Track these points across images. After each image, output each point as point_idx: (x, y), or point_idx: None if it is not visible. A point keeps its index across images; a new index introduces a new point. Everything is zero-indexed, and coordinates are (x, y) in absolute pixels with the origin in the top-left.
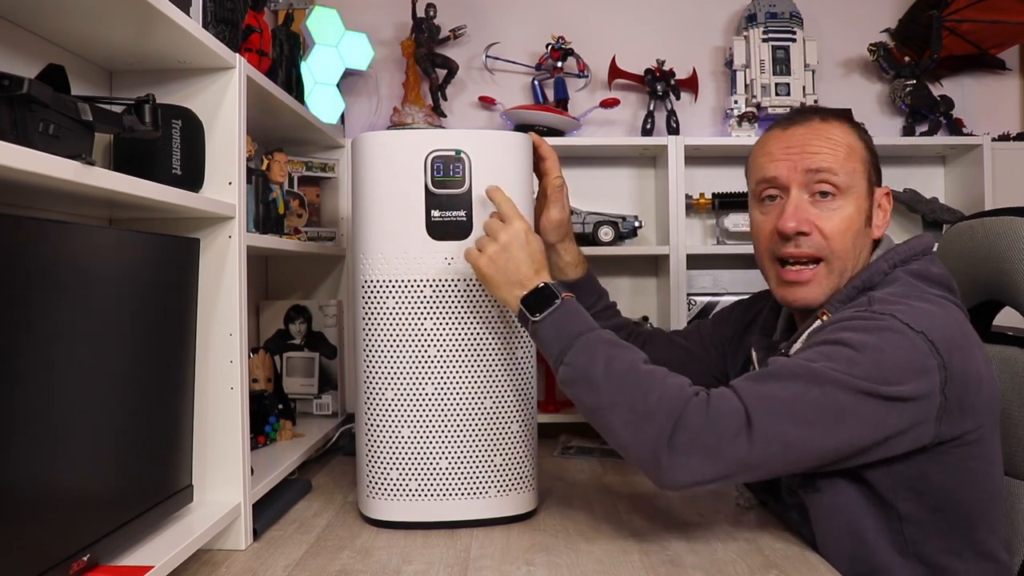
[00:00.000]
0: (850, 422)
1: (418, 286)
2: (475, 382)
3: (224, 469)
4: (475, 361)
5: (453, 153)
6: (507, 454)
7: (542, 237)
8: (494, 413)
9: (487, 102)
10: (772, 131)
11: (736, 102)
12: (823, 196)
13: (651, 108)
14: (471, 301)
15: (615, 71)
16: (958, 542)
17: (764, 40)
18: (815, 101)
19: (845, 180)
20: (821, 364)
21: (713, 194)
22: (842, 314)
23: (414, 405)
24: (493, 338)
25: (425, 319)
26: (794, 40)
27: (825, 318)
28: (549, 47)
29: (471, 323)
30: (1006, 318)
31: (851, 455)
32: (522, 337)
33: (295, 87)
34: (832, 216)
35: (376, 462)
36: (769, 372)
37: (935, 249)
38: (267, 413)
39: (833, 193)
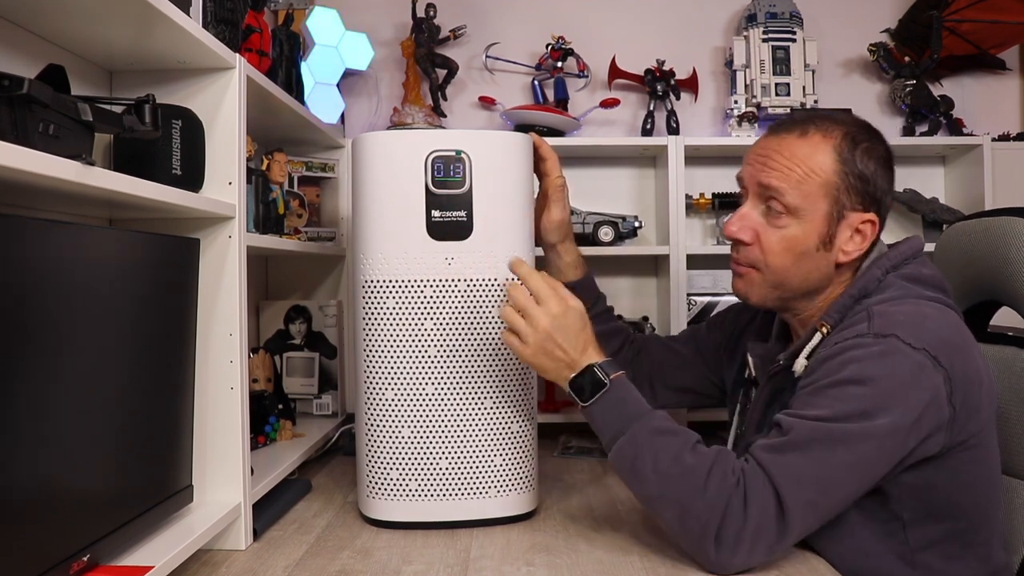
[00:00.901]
0: (874, 466)
1: (418, 286)
2: (475, 382)
3: (224, 469)
4: (475, 361)
5: (453, 153)
6: (507, 454)
7: (543, 237)
8: (494, 413)
9: (487, 102)
10: (765, 133)
11: (736, 102)
12: (772, 212)
13: (651, 108)
14: (471, 301)
15: (615, 71)
16: (959, 546)
17: (764, 40)
18: (815, 102)
19: (794, 203)
20: (835, 412)
21: (713, 194)
22: (844, 340)
23: (414, 405)
24: (493, 338)
25: (425, 319)
26: (794, 40)
27: (825, 331)
28: (549, 47)
29: (471, 323)
30: (1005, 318)
31: (872, 483)
32: None
33: (295, 87)
34: (775, 233)
35: (376, 462)
36: (789, 441)
37: (929, 249)
38: (267, 413)
39: (781, 212)
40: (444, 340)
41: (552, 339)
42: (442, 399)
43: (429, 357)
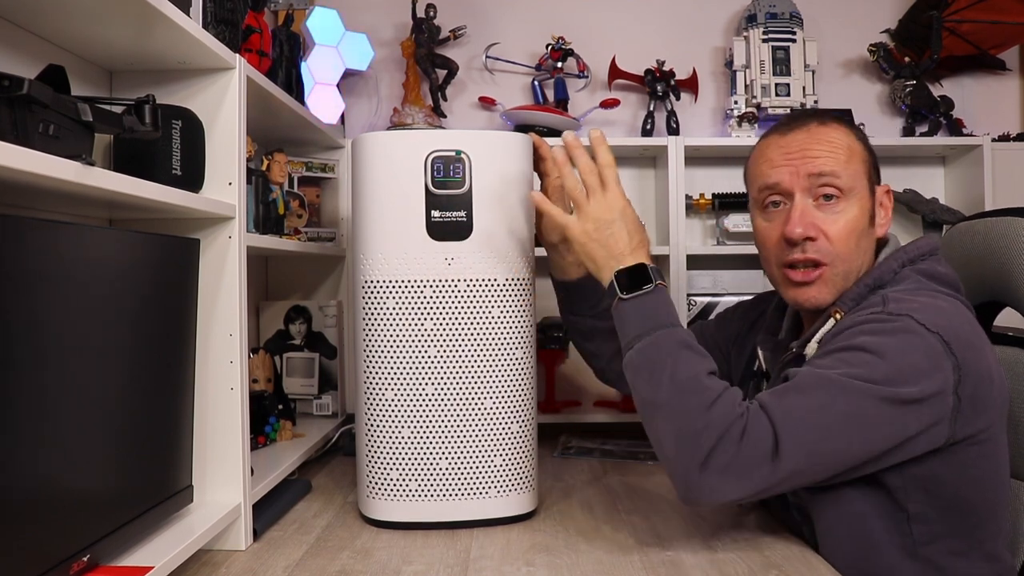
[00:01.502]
0: (873, 429)
1: (418, 286)
2: (475, 382)
3: (224, 469)
4: (475, 361)
5: (453, 153)
6: (507, 454)
7: (544, 237)
8: (494, 413)
9: (487, 102)
10: (770, 137)
11: (736, 102)
12: (827, 199)
13: (651, 108)
14: (471, 302)
15: (615, 71)
16: (965, 542)
17: (764, 40)
18: (815, 102)
19: (848, 182)
20: (842, 371)
21: (713, 194)
22: (858, 316)
23: (414, 405)
24: (493, 338)
25: (425, 319)
26: (794, 40)
27: (839, 316)
28: (549, 47)
29: (471, 323)
30: (1007, 319)
31: (872, 461)
32: (522, 338)
33: (295, 87)
34: (837, 219)
35: (376, 462)
36: (793, 385)
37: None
38: (267, 413)
39: (837, 196)
40: (444, 340)
41: (611, 226)
42: (442, 399)
43: (429, 357)
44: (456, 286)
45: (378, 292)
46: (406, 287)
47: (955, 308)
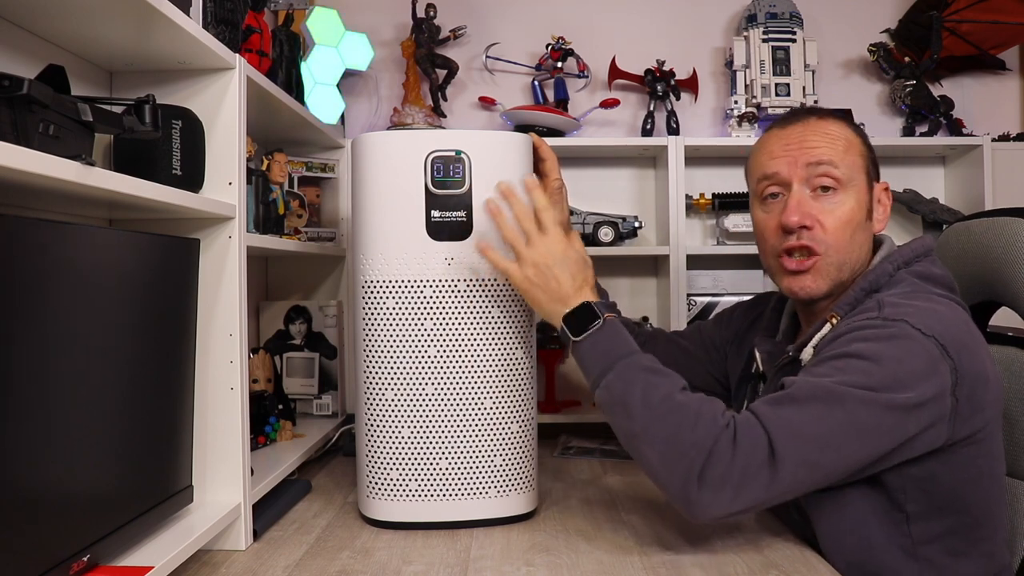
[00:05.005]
0: (871, 436)
1: (418, 286)
2: (475, 382)
3: (224, 469)
4: (475, 361)
5: (453, 153)
6: (507, 454)
7: None
8: (494, 413)
9: (487, 102)
10: (771, 130)
11: (736, 102)
12: (824, 191)
13: (651, 108)
14: (471, 302)
15: (615, 71)
16: (963, 541)
17: (764, 40)
18: (815, 102)
19: (845, 173)
20: (837, 380)
21: (713, 194)
22: (853, 322)
23: (414, 405)
24: (493, 338)
25: (425, 319)
26: (794, 40)
27: (835, 321)
28: (549, 47)
29: (471, 324)
30: (1004, 319)
31: (872, 465)
32: (522, 338)
33: (295, 87)
34: (834, 210)
35: (376, 462)
36: (788, 395)
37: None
38: (267, 413)
39: (834, 187)
40: (444, 340)
41: (549, 271)
42: (442, 399)
43: (429, 357)
44: (456, 286)
45: (378, 292)
46: (406, 287)
47: (950, 310)
